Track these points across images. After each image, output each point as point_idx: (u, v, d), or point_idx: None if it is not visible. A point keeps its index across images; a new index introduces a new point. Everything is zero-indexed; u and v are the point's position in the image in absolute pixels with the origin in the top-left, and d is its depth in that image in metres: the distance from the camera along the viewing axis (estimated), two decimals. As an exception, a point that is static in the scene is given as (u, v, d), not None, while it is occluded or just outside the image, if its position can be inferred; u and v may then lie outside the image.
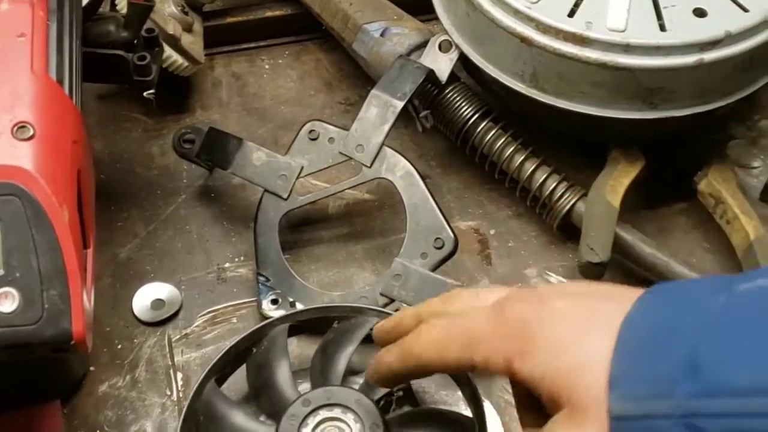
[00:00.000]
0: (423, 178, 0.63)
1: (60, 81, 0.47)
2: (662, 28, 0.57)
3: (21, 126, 0.44)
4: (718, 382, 0.31)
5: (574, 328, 0.36)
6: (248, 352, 0.54)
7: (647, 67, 0.56)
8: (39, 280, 0.42)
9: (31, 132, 0.44)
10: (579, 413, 0.35)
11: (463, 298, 0.43)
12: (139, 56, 0.57)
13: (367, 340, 0.53)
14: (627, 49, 0.56)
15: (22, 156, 0.43)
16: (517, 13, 0.58)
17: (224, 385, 0.54)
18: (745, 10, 0.58)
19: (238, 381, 0.55)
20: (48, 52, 0.47)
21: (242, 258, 0.65)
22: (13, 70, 0.45)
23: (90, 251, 0.49)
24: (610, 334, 0.35)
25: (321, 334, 0.56)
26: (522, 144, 0.65)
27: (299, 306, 0.60)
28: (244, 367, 0.55)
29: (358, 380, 0.54)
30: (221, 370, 0.54)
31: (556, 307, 0.37)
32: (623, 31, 0.56)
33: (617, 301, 0.36)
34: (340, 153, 0.62)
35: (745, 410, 0.31)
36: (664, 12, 0.58)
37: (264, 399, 0.53)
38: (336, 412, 0.49)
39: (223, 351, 0.54)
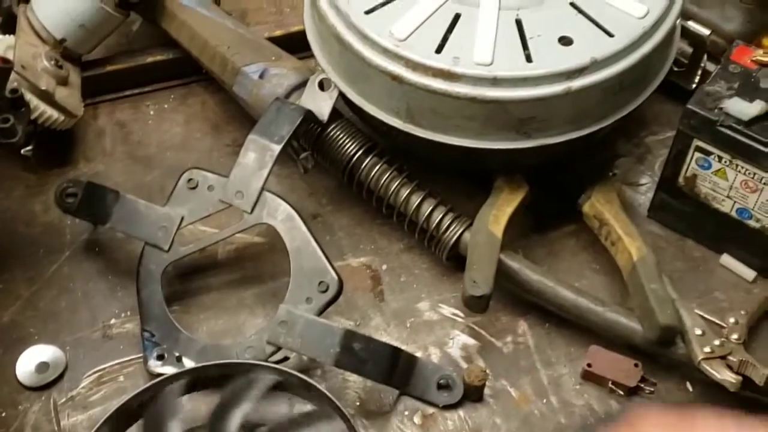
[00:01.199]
0: (313, 218, 0.63)
1: None
2: (529, 58, 0.57)
3: None
4: None
5: None
6: (139, 412, 0.53)
7: (516, 99, 0.57)
8: None
9: None
10: None
11: None
12: (3, 119, 0.55)
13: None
14: (495, 82, 0.56)
15: None
16: (386, 51, 0.58)
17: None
18: (611, 35, 0.59)
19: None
20: None
21: (128, 313, 0.63)
22: None
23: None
24: None
25: (216, 388, 0.54)
26: (407, 177, 0.65)
27: (186, 360, 0.59)
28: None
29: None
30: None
31: None
32: (490, 64, 0.57)
33: None
34: (221, 200, 0.61)
35: None
36: (530, 42, 0.58)
37: None
38: None
39: (105, 417, 0.52)
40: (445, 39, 0.58)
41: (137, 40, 0.79)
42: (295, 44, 0.72)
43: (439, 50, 0.58)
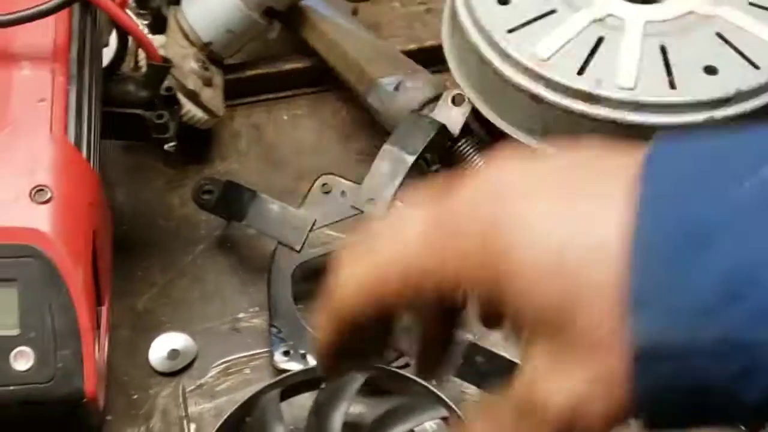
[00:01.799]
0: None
1: (78, 144, 0.49)
2: (672, 85, 0.58)
3: (39, 189, 0.45)
4: None
5: (554, 233, 0.27)
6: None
7: (658, 125, 0.57)
8: (53, 340, 0.44)
9: (49, 195, 0.45)
10: (572, 347, 0.27)
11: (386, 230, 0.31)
12: (158, 115, 0.58)
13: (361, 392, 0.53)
14: (637, 107, 0.57)
15: (40, 219, 0.45)
16: (527, 70, 0.59)
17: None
18: (756, 67, 0.59)
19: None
20: (67, 117, 0.49)
21: (257, 309, 0.66)
22: (32, 134, 0.47)
23: (105, 308, 0.50)
24: (603, 234, 0.26)
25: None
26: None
27: (310, 358, 0.61)
28: None
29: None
30: (234, 425, 0.54)
31: (524, 204, 0.28)
32: (633, 89, 0.57)
33: (606, 188, 0.27)
34: (352, 206, 0.63)
35: None
36: (674, 69, 0.58)
37: None
38: None
39: (236, 406, 0.54)
40: (587, 61, 0.59)
41: (273, 46, 0.81)
42: (427, 58, 0.74)
43: (581, 72, 0.58)
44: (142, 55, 0.68)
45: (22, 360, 0.43)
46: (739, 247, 0.26)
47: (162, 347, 0.63)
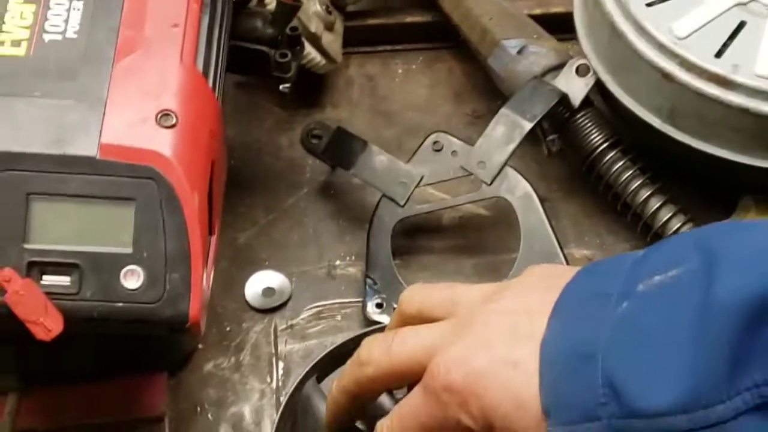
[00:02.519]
0: (542, 201, 0.63)
1: (205, 73, 0.49)
2: (813, 78, 0.55)
3: (165, 114, 0.46)
4: (634, 404, 0.33)
5: (508, 386, 0.38)
6: (350, 354, 0.55)
7: (793, 118, 0.54)
8: (164, 262, 0.44)
9: (174, 120, 0.46)
10: None
11: (424, 302, 0.44)
12: (281, 53, 0.58)
13: None
14: (773, 97, 0.54)
15: (163, 142, 0.45)
16: (662, 47, 0.57)
17: (324, 382, 0.56)
18: None
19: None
20: (198, 45, 0.49)
21: (353, 257, 0.66)
22: (163, 59, 0.47)
23: (214, 238, 0.51)
24: (533, 369, 0.37)
25: None
26: (649, 179, 0.64)
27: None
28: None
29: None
30: (323, 369, 0.55)
31: (481, 366, 0.38)
32: (771, 78, 0.54)
33: (538, 326, 0.38)
34: (462, 167, 0.63)
35: (668, 428, 0.32)
36: (817, 62, 0.55)
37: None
38: None
39: (327, 350, 0.55)
40: (726, 45, 0.56)
41: (396, -3, 0.81)
42: (554, 25, 0.72)
43: (718, 55, 0.56)
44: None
45: (133, 278, 0.44)
46: (604, 360, 0.34)
47: (258, 284, 0.64)
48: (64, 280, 0.44)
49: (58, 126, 0.45)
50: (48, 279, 0.44)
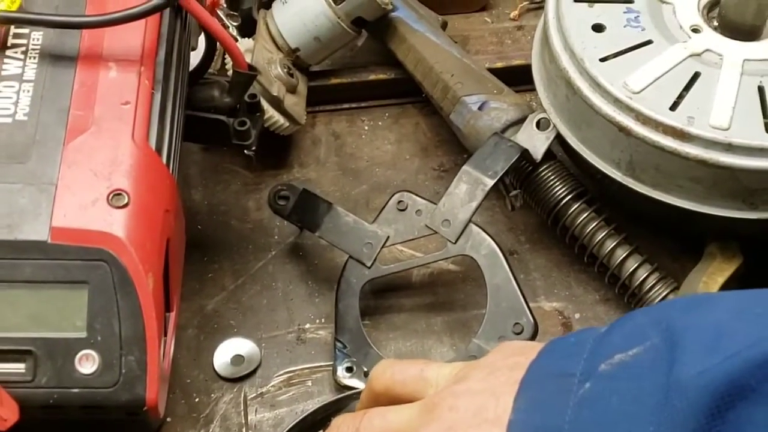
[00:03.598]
0: (510, 254, 0.63)
1: (159, 150, 0.49)
2: (767, 128, 0.55)
3: (117, 194, 0.46)
4: None
5: None
6: (321, 423, 0.55)
7: (750, 168, 0.54)
8: (119, 345, 0.44)
9: (126, 200, 0.46)
10: None
11: (397, 383, 0.45)
12: (240, 122, 0.58)
13: None
14: (729, 148, 0.54)
15: (115, 223, 0.45)
16: (617, 101, 0.57)
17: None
18: None
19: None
20: (150, 121, 0.49)
21: (323, 320, 0.65)
22: (114, 137, 0.47)
23: (173, 314, 0.50)
24: None
25: None
26: (615, 229, 0.64)
27: (373, 377, 0.60)
28: None
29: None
30: None
31: None
32: (727, 129, 0.55)
33: (504, 410, 0.38)
34: (426, 226, 0.62)
35: None
36: (771, 111, 0.56)
37: None
38: None
39: (298, 419, 0.54)
40: (681, 97, 0.57)
41: (358, 56, 0.81)
42: (515, 77, 0.72)
43: (673, 107, 0.56)
44: (228, 60, 0.68)
45: (88, 363, 0.44)
46: None
47: (227, 352, 0.63)
48: (18, 368, 0.44)
49: (7, 211, 0.44)
50: (2, 367, 0.44)
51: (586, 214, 0.64)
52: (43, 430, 0.52)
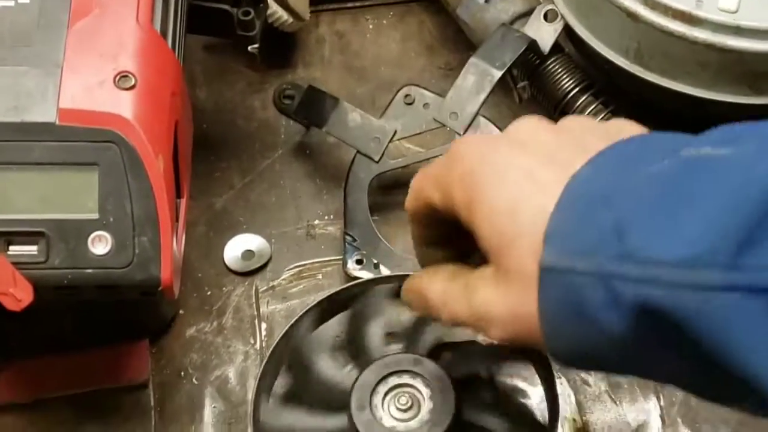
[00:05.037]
0: (517, 149, 0.63)
1: (164, 33, 0.49)
2: (777, 11, 0.54)
3: (123, 75, 0.45)
4: (636, 249, 0.32)
5: (512, 188, 0.36)
6: (346, 304, 0.55)
7: (757, 51, 0.54)
8: (132, 226, 0.44)
9: (133, 82, 0.45)
10: (505, 275, 0.36)
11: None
12: (244, 11, 0.58)
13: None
14: (737, 31, 0.54)
15: (123, 105, 0.45)
16: (625, -14, 0.56)
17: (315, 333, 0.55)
18: None
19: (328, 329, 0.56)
20: (154, 4, 0.48)
21: (331, 216, 0.66)
22: (118, 20, 0.47)
23: (183, 201, 0.50)
24: (551, 197, 0.35)
25: None
26: (622, 121, 0.63)
27: (383, 269, 0.61)
28: (332, 320, 0.55)
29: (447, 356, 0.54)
30: (313, 318, 0.54)
31: (502, 158, 0.37)
32: (735, 12, 0.54)
33: (570, 161, 0.35)
34: (434, 119, 0.62)
35: (651, 278, 0.31)
36: (781, -6, 0.55)
37: (352, 350, 0.53)
38: (412, 380, 0.50)
39: (316, 301, 0.54)
40: (690, -20, 0.56)
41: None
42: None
43: (683, -9, 0.55)
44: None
45: (101, 244, 0.44)
46: (623, 206, 0.33)
47: (237, 247, 0.64)
48: (31, 250, 0.44)
49: (14, 93, 0.44)
50: (15, 249, 0.44)
51: (593, 106, 0.64)
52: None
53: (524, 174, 0.36)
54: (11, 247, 0.44)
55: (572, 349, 0.34)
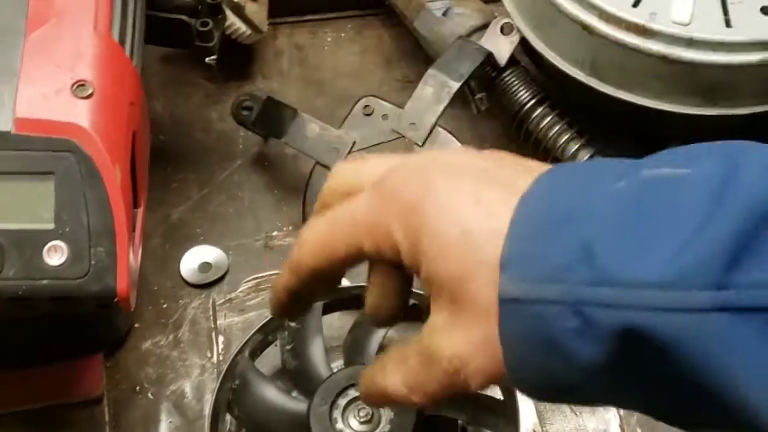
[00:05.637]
0: (475, 160, 0.63)
1: (122, 42, 0.48)
2: (728, 24, 0.56)
3: (80, 84, 0.45)
4: (610, 272, 0.29)
5: (460, 216, 0.32)
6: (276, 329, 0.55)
7: (710, 63, 0.55)
8: (87, 236, 0.44)
9: (90, 91, 0.45)
10: (463, 312, 0.32)
11: (346, 175, 0.37)
12: (202, 22, 0.57)
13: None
14: (690, 43, 0.55)
15: (80, 114, 0.44)
16: (581, 0, 0.57)
17: (260, 357, 0.55)
18: (817, 10, 0.57)
19: (273, 353, 0.56)
20: (112, 13, 0.48)
21: (290, 228, 0.65)
22: (76, 28, 0.46)
23: (140, 211, 0.50)
24: (503, 220, 0.32)
25: (356, 308, 0.56)
26: (577, 132, 0.64)
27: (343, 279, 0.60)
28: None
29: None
30: (257, 343, 0.55)
31: (442, 187, 0.33)
32: (687, 24, 0.55)
33: (513, 180, 0.33)
34: (393, 130, 0.63)
35: (631, 303, 0.28)
36: (730, 8, 0.56)
37: (297, 375, 0.53)
38: None
39: (258, 326, 0.54)
40: (642, -6, 0.57)
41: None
42: (478, -13, 0.72)
43: (635, 4, 0.57)
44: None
45: (56, 255, 0.44)
46: (588, 226, 0.30)
47: (194, 259, 0.63)
48: (-16, 260, 0.43)
49: (-31, 102, 0.44)
50: (-32, 259, 0.43)
51: (549, 119, 0.65)
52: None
53: (470, 199, 0.33)
54: (-37, 258, 0.43)
55: (541, 382, 0.32)
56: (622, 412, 0.58)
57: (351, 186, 0.36)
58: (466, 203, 0.33)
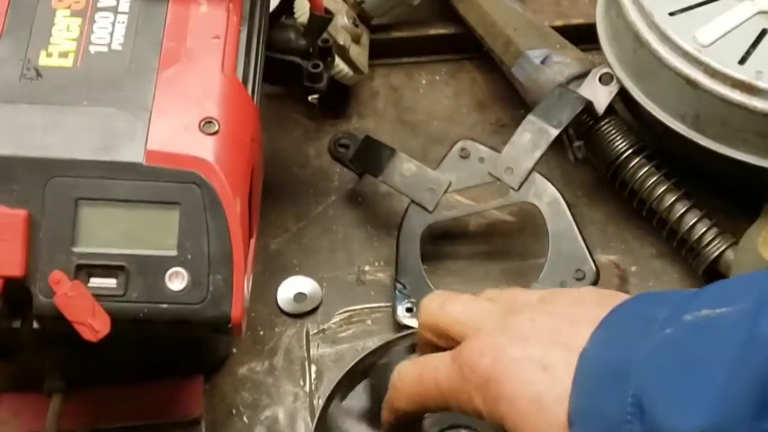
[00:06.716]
0: (568, 206, 0.64)
1: (245, 82, 0.51)
2: (834, 85, 0.56)
3: (208, 121, 0.47)
4: (658, 427, 0.34)
5: (531, 385, 0.39)
6: (360, 377, 0.56)
7: (814, 123, 0.56)
8: (207, 264, 0.46)
9: (216, 127, 0.47)
10: None
11: (432, 314, 0.47)
12: (314, 64, 0.60)
13: None
14: (796, 102, 0.55)
15: (206, 149, 0.47)
16: (686, 54, 0.58)
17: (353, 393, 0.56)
18: None
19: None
20: (237, 55, 0.50)
21: (382, 263, 0.67)
22: (205, 69, 0.49)
23: (253, 241, 0.52)
24: (567, 381, 0.38)
25: None
26: (675, 185, 0.65)
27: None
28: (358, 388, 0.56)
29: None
30: (348, 385, 0.56)
31: (512, 359, 0.40)
32: (794, 84, 0.56)
33: (577, 336, 0.39)
34: (489, 173, 0.64)
35: None
36: (838, 68, 0.57)
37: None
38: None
39: (349, 366, 0.56)
40: (749, 52, 0.58)
41: (418, 11, 0.82)
42: (574, 36, 0.73)
43: (742, 61, 0.57)
44: (297, 5, 0.69)
45: (177, 280, 0.46)
46: (639, 379, 0.35)
47: (290, 289, 0.65)
48: (110, 282, 0.45)
49: (105, 134, 0.46)
50: (95, 281, 0.45)
51: (646, 169, 0.65)
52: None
53: (537, 366, 0.39)
54: (92, 279, 0.45)
55: None
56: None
57: (438, 330, 0.46)
58: (536, 371, 0.39)
